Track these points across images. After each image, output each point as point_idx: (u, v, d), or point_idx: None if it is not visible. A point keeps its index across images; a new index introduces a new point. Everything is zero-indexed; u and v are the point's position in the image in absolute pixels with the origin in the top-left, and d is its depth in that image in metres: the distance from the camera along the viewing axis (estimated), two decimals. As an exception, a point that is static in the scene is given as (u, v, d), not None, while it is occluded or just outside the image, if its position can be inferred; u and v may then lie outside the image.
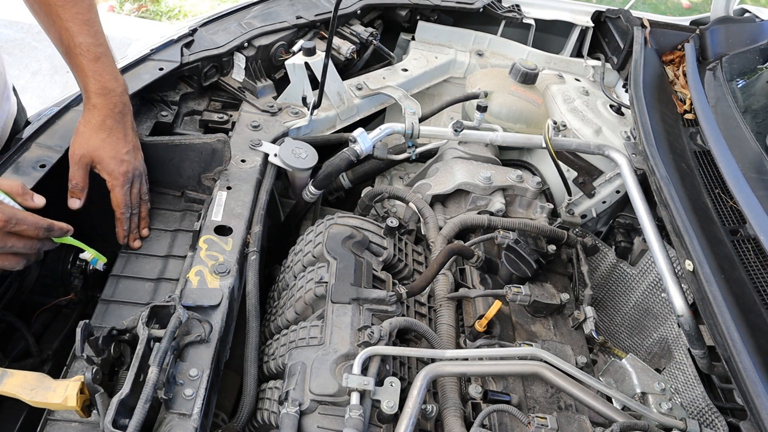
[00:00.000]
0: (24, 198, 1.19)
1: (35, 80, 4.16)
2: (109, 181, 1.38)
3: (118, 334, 1.09)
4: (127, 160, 1.39)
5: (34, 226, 1.15)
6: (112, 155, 1.37)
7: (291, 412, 1.11)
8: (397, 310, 1.34)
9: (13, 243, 1.13)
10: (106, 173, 1.38)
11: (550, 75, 2.23)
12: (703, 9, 5.07)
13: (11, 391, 1.03)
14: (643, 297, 1.75)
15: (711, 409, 1.36)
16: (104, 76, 1.36)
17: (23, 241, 1.15)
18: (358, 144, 1.70)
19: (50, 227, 1.18)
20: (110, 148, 1.37)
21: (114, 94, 1.37)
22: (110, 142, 1.37)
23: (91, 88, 1.35)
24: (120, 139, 1.39)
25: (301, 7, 2.08)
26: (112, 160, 1.37)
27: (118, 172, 1.38)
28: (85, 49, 1.34)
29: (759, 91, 1.91)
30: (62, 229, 1.21)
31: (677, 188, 1.50)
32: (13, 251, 1.14)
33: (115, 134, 1.38)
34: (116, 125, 1.38)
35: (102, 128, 1.36)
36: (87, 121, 1.37)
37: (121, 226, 1.43)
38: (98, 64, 1.35)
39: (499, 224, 1.65)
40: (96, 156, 1.36)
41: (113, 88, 1.37)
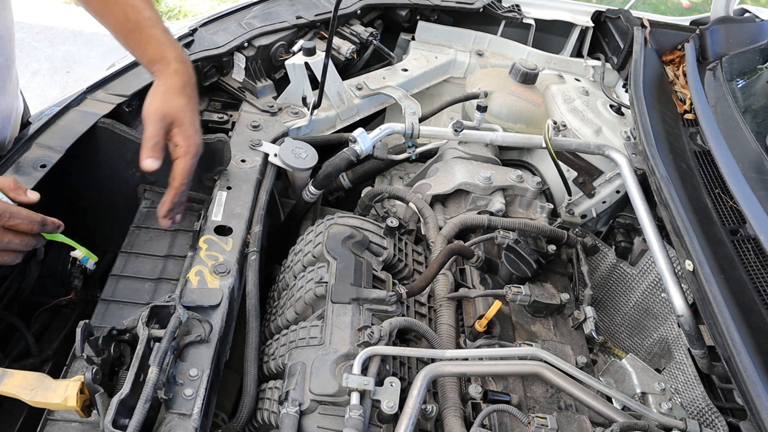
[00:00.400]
0: (17, 193, 1.18)
1: (35, 80, 4.16)
2: (183, 147, 1.32)
3: (118, 334, 1.09)
4: (200, 133, 1.36)
5: (27, 220, 1.14)
6: (191, 121, 1.32)
7: (291, 412, 1.12)
8: (397, 310, 1.34)
9: (9, 239, 1.13)
10: (183, 137, 1.31)
11: (550, 75, 2.23)
12: (703, 9, 5.06)
13: (11, 391, 1.03)
14: (643, 297, 1.75)
15: (711, 409, 1.36)
16: (178, 47, 1.37)
17: (19, 237, 1.14)
18: (358, 144, 1.70)
19: (44, 221, 1.17)
20: (191, 114, 1.33)
21: (189, 64, 1.37)
22: (190, 109, 1.33)
23: (170, 55, 1.34)
24: (196, 110, 1.36)
25: (301, 7, 2.08)
26: (191, 127, 1.32)
27: (194, 140, 1.33)
28: (155, 22, 1.35)
29: (759, 91, 1.91)
30: (55, 224, 1.20)
31: (677, 188, 1.50)
32: (8, 248, 1.14)
33: (192, 103, 1.35)
34: (193, 95, 1.36)
35: (183, 93, 1.33)
36: (169, 84, 1.32)
37: (172, 197, 1.34)
38: (169, 35, 1.36)
39: (499, 224, 1.65)
40: (178, 117, 1.30)
41: (187, 59, 1.37)
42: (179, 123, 1.30)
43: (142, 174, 1.61)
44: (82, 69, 4.34)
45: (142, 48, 1.37)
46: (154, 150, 1.28)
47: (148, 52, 1.36)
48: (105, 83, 1.63)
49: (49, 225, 1.19)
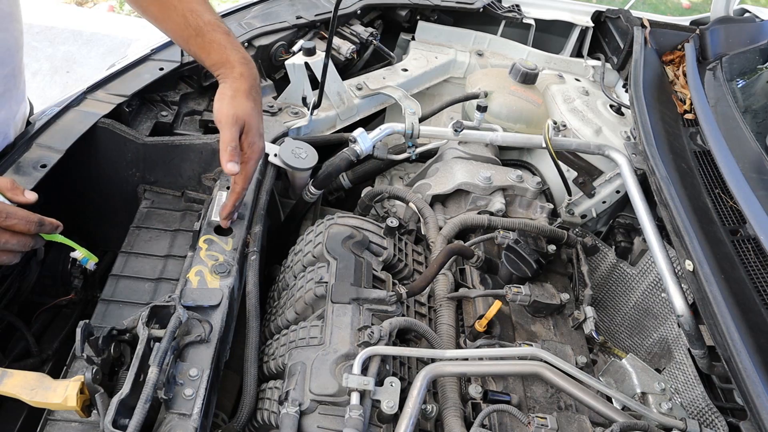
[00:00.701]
0: (14, 193, 1.18)
1: (35, 80, 4.17)
2: (247, 153, 1.32)
3: (118, 334, 1.09)
4: (263, 137, 1.37)
5: (25, 220, 1.14)
6: (257, 127, 1.33)
7: (291, 412, 1.12)
8: (397, 310, 1.34)
9: (6, 239, 1.12)
10: (248, 144, 1.32)
11: (550, 75, 2.23)
12: (703, 9, 5.06)
13: (11, 391, 1.03)
14: (643, 297, 1.75)
15: (711, 409, 1.36)
16: (241, 49, 1.37)
17: (16, 238, 1.14)
18: (358, 144, 1.70)
19: (41, 222, 1.17)
20: (257, 118, 1.34)
21: (253, 65, 1.37)
22: (257, 114, 1.34)
23: (234, 59, 1.35)
24: (261, 114, 1.37)
25: (301, 7, 2.08)
26: (256, 132, 1.33)
27: (258, 146, 1.34)
28: (216, 26, 1.36)
29: (759, 91, 1.91)
30: (53, 225, 1.20)
31: (677, 188, 1.50)
32: (6, 248, 1.14)
33: (258, 107, 1.35)
34: (259, 98, 1.37)
35: (250, 96, 1.33)
36: (236, 87, 1.33)
37: (234, 201, 1.36)
38: (231, 37, 1.37)
39: (499, 224, 1.65)
40: (248, 121, 1.31)
41: (250, 60, 1.38)
42: (248, 128, 1.32)
43: (142, 174, 1.62)
44: (82, 69, 4.34)
45: (205, 53, 1.38)
46: (233, 154, 1.29)
47: (212, 56, 1.37)
48: (105, 83, 1.63)
49: (47, 225, 1.18)
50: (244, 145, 1.32)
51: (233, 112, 1.29)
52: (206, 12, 1.37)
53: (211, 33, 1.35)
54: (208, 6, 1.38)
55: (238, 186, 1.35)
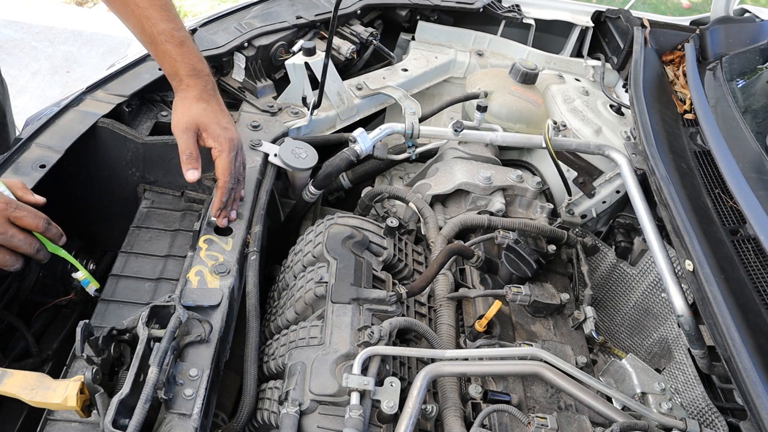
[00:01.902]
0: (24, 192, 1.20)
1: (35, 80, 4.17)
2: (216, 147, 1.37)
3: (118, 334, 1.09)
4: (231, 128, 1.40)
5: (33, 215, 1.15)
6: (215, 122, 1.37)
7: (291, 412, 1.12)
8: (397, 310, 1.34)
9: (13, 233, 1.12)
10: (212, 139, 1.36)
11: (550, 75, 2.23)
12: (703, 9, 5.06)
13: (11, 391, 1.03)
14: (643, 297, 1.75)
15: (711, 409, 1.36)
16: (192, 59, 1.38)
17: (23, 234, 1.14)
18: (358, 144, 1.70)
19: (48, 221, 1.18)
20: (212, 115, 1.38)
21: (204, 74, 1.40)
22: (211, 111, 1.38)
23: (181, 72, 1.37)
24: (218, 110, 1.40)
25: (301, 7, 2.08)
26: (216, 126, 1.37)
27: (225, 137, 1.37)
28: (169, 35, 1.36)
29: (759, 91, 1.91)
30: (59, 231, 1.21)
31: (677, 188, 1.50)
32: (11, 243, 1.13)
33: (212, 106, 1.39)
34: (212, 99, 1.40)
35: (200, 100, 1.37)
36: (184, 96, 1.38)
37: (220, 197, 1.39)
38: (184, 48, 1.37)
39: (499, 224, 1.65)
40: (201, 122, 1.35)
41: (201, 69, 1.39)
42: (203, 127, 1.35)
43: (141, 174, 1.62)
44: (82, 69, 4.34)
45: (159, 62, 1.41)
46: (190, 161, 1.35)
47: (165, 66, 1.40)
48: (105, 83, 1.63)
49: (53, 229, 1.19)
50: (208, 142, 1.37)
51: (182, 120, 1.34)
52: (162, 20, 1.35)
53: (163, 44, 1.35)
54: (167, 12, 1.36)
55: (219, 181, 1.38)
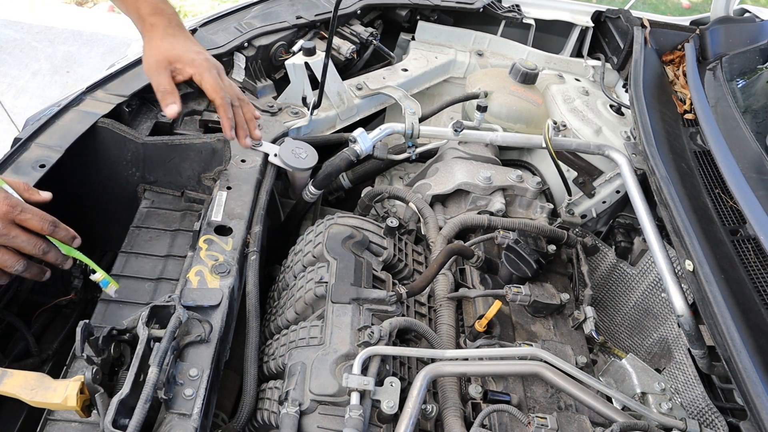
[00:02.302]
0: (29, 194, 1.18)
1: (35, 80, 4.17)
2: (194, 71, 1.36)
3: (118, 334, 1.09)
4: (202, 52, 1.39)
5: (39, 217, 1.12)
6: (185, 50, 1.36)
7: (291, 412, 1.12)
8: (397, 310, 1.34)
9: (17, 234, 1.10)
10: (188, 66, 1.35)
11: (550, 75, 2.23)
12: (703, 9, 5.06)
13: (11, 391, 1.03)
14: (643, 297, 1.75)
15: (711, 409, 1.36)
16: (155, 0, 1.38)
17: (27, 235, 1.12)
18: (358, 144, 1.70)
19: (56, 223, 1.15)
20: (181, 46, 1.37)
21: (167, 12, 1.39)
22: (179, 43, 1.37)
23: (144, 12, 1.37)
24: (187, 39, 1.39)
25: (301, 7, 2.08)
26: (187, 53, 1.36)
27: (199, 60, 1.36)
28: None
29: (759, 91, 1.91)
30: (69, 233, 1.18)
31: (677, 188, 1.50)
32: (15, 244, 1.11)
33: (180, 38, 1.38)
34: (178, 32, 1.39)
35: (165, 37, 1.37)
36: (149, 38, 1.37)
37: (224, 114, 1.37)
38: None
39: (499, 224, 1.65)
40: (170, 55, 1.34)
41: (164, 8, 1.39)
42: (174, 59, 1.35)
43: (142, 174, 1.62)
44: (82, 69, 4.34)
45: (124, 8, 1.40)
46: (165, 96, 1.34)
47: (129, 11, 1.39)
48: (105, 83, 1.63)
49: (61, 231, 1.17)
50: (186, 70, 1.36)
51: (151, 60, 1.34)
52: None
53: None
54: None
55: (216, 100, 1.37)
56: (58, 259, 1.19)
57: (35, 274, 1.18)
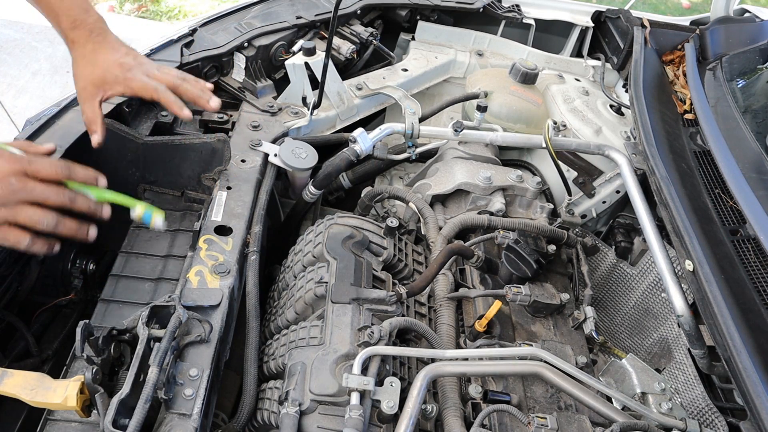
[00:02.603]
0: (33, 149, 1.15)
1: (35, 80, 4.17)
2: (122, 88, 1.33)
3: (118, 334, 1.09)
4: (124, 61, 1.34)
5: (49, 162, 1.07)
6: (107, 67, 1.32)
7: (291, 412, 1.12)
8: (397, 310, 1.34)
9: (34, 186, 1.04)
10: (114, 85, 1.32)
11: (550, 75, 2.23)
12: (703, 9, 5.06)
13: (11, 391, 1.03)
14: (643, 297, 1.75)
15: (711, 409, 1.36)
16: (73, 10, 1.32)
17: (47, 185, 1.06)
18: (358, 144, 1.70)
19: (69, 166, 1.09)
20: (103, 63, 1.32)
21: (85, 24, 1.33)
22: (101, 59, 1.32)
23: (65, 26, 1.32)
24: (109, 50, 1.34)
25: (301, 7, 2.08)
26: (110, 70, 1.31)
27: (122, 73, 1.32)
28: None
29: (759, 91, 1.91)
30: (87, 172, 1.12)
31: (677, 188, 1.50)
32: (37, 196, 1.04)
33: (101, 52, 1.33)
34: (99, 45, 1.33)
35: (85, 57, 1.32)
36: (73, 58, 1.34)
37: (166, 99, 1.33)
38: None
39: (499, 224, 1.65)
40: (95, 80, 1.31)
41: (83, 19, 1.32)
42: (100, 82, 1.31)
43: (142, 174, 1.62)
44: (82, 69, 4.33)
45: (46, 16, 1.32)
46: (89, 125, 1.33)
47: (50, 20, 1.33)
48: (105, 83, 1.63)
49: (79, 171, 1.11)
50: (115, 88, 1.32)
51: (78, 89, 1.32)
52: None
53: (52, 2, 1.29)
54: None
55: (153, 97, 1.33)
56: (89, 206, 1.12)
57: (69, 228, 1.11)
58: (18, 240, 1.07)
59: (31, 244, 1.09)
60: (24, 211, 1.06)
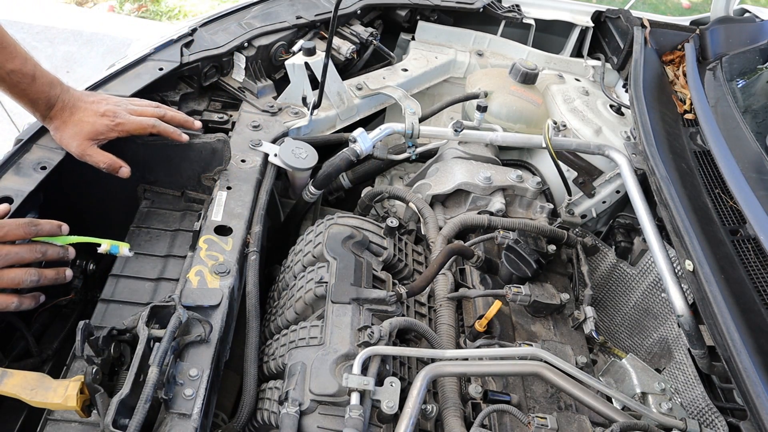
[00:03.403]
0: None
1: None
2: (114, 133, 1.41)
3: (118, 334, 1.09)
4: (107, 110, 1.41)
5: (14, 225, 1.12)
6: (93, 123, 1.39)
7: (291, 412, 1.12)
8: (397, 310, 1.34)
9: (7, 250, 1.09)
10: (111, 132, 1.40)
11: (550, 75, 2.23)
12: (703, 9, 5.06)
13: (11, 391, 1.03)
14: (643, 297, 1.75)
15: (711, 409, 1.36)
16: (43, 90, 1.36)
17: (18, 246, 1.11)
18: (358, 144, 1.70)
19: (33, 223, 1.15)
20: (88, 123, 1.39)
21: (56, 98, 1.38)
22: (85, 121, 1.39)
23: (40, 108, 1.37)
24: (85, 109, 1.40)
25: (301, 7, 2.08)
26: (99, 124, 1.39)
27: (110, 117, 1.39)
28: (20, 74, 1.31)
29: (759, 91, 1.91)
30: (53, 225, 1.18)
31: (677, 188, 1.50)
32: (12, 259, 1.11)
33: (78, 113, 1.40)
34: (74, 110, 1.40)
35: (66, 122, 1.38)
36: (55, 130, 1.40)
37: (164, 130, 1.46)
38: (36, 83, 1.34)
39: (499, 224, 1.65)
40: (88, 135, 1.38)
41: (55, 95, 1.37)
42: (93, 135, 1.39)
43: (142, 174, 1.61)
44: (82, 69, 4.34)
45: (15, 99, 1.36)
46: (112, 168, 1.42)
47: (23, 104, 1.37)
48: (105, 83, 1.63)
49: (44, 225, 1.17)
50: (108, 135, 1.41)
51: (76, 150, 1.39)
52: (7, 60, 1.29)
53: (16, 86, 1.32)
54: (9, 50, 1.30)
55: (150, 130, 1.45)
56: (59, 253, 1.18)
57: (49, 277, 1.19)
58: (6, 304, 1.14)
59: (20, 305, 1.17)
60: (5, 275, 1.12)
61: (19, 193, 1.29)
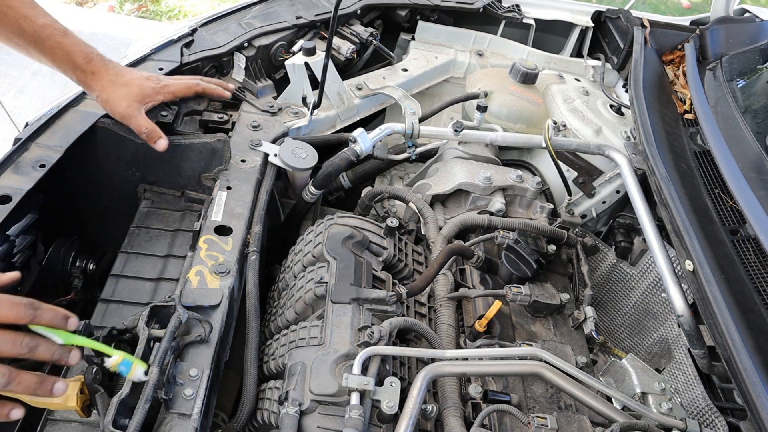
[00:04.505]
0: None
1: (35, 80, 4.16)
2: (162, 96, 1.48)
3: (118, 334, 1.09)
4: (148, 75, 1.48)
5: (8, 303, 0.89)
6: (140, 85, 1.44)
7: (291, 412, 1.12)
8: (397, 310, 1.34)
9: None
10: (158, 94, 1.47)
11: (550, 75, 2.23)
12: (703, 9, 5.06)
13: (11, 391, 1.02)
14: (643, 297, 1.75)
15: (711, 409, 1.36)
16: (79, 45, 1.40)
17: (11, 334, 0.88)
18: (358, 144, 1.70)
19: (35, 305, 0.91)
20: (135, 84, 1.45)
21: (96, 55, 1.42)
22: (131, 81, 1.45)
23: (78, 60, 1.39)
24: (129, 71, 1.47)
25: (301, 7, 2.08)
26: (144, 85, 1.45)
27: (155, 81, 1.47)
28: (52, 29, 1.37)
29: (759, 91, 1.91)
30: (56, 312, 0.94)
31: (677, 188, 1.50)
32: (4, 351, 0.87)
33: (125, 74, 1.45)
34: (119, 70, 1.45)
35: (113, 81, 1.42)
36: (100, 89, 1.43)
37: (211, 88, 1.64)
38: (69, 36, 1.39)
39: (499, 224, 1.65)
40: (136, 97, 1.43)
41: (92, 51, 1.42)
42: (141, 97, 1.44)
43: (142, 174, 1.62)
44: (82, 69, 4.33)
45: (48, 57, 1.39)
46: (151, 135, 1.46)
47: (56, 60, 1.40)
48: (105, 83, 1.63)
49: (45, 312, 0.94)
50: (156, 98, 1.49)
51: (122, 109, 1.43)
52: (39, 16, 1.36)
53: (49, 38, 1.36)
54: (39, 8, 1.37)
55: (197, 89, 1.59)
56: (54, 354, 0.92)
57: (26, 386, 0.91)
58: None
59: None
60: None
61: (18, 191, 1.28)
